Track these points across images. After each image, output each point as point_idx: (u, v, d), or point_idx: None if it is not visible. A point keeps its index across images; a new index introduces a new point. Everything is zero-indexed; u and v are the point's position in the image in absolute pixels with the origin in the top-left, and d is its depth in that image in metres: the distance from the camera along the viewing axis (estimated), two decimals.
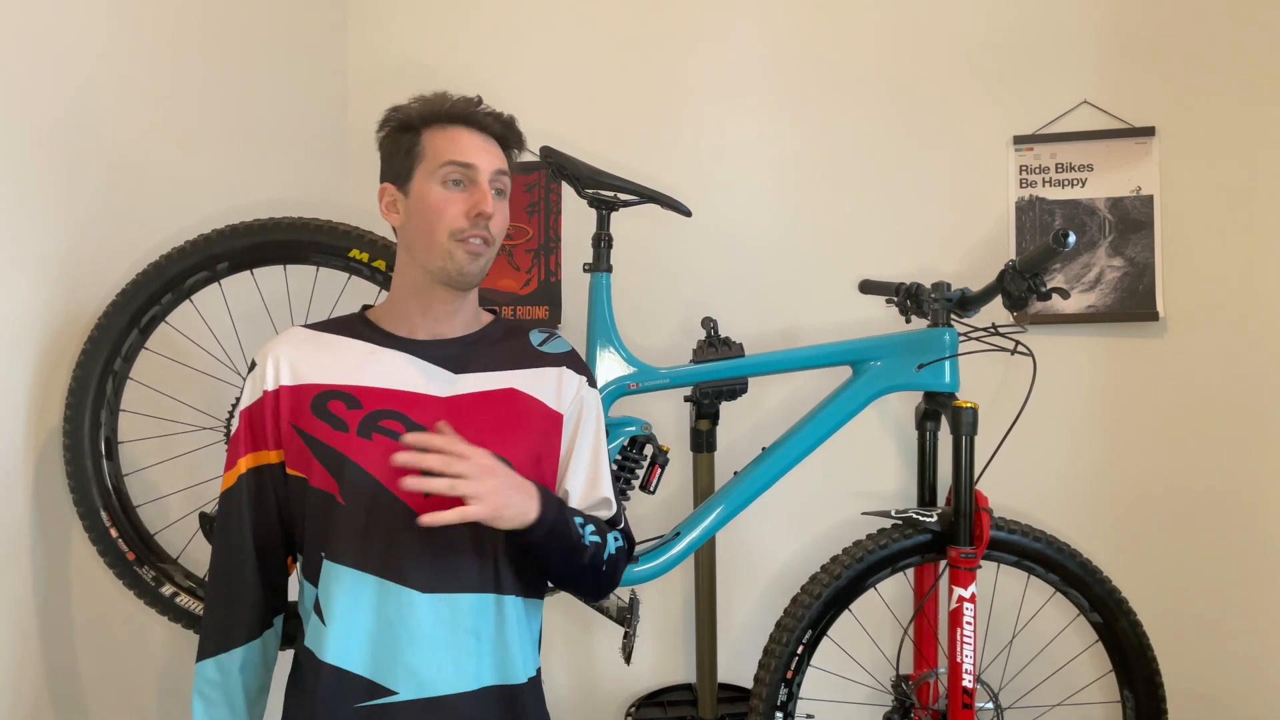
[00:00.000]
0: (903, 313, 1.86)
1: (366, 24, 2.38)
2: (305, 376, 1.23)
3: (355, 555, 1.17)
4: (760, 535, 2.22)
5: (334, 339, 1.28)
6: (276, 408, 1.23)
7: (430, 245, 1.22)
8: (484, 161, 1.23)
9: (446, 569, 1.17)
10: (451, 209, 1.21)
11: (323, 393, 1.22)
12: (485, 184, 1.22)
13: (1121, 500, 2.11)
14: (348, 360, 1.24)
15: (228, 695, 1.23)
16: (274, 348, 1.26)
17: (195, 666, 1.24)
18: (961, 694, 1.61)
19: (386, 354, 1.25)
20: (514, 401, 1.26)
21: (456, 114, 1.25)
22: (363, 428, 1.20)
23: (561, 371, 1.32)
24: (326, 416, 1.20)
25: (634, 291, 2.22)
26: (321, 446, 1.20)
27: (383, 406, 1.21)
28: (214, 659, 1.23)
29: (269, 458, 1.24)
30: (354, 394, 1.22)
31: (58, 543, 1.53)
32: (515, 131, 1.30)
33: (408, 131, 1.26)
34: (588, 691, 2.26)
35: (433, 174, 1.23)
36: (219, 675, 1.23)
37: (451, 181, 1.22)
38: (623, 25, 2.30)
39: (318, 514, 1.20)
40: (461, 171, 1.22)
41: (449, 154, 1.22)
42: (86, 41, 1.55)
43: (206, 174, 1.85)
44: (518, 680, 1.22)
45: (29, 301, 1.45)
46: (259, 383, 1.24)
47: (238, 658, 1.24)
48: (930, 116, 2.19)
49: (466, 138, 1.24)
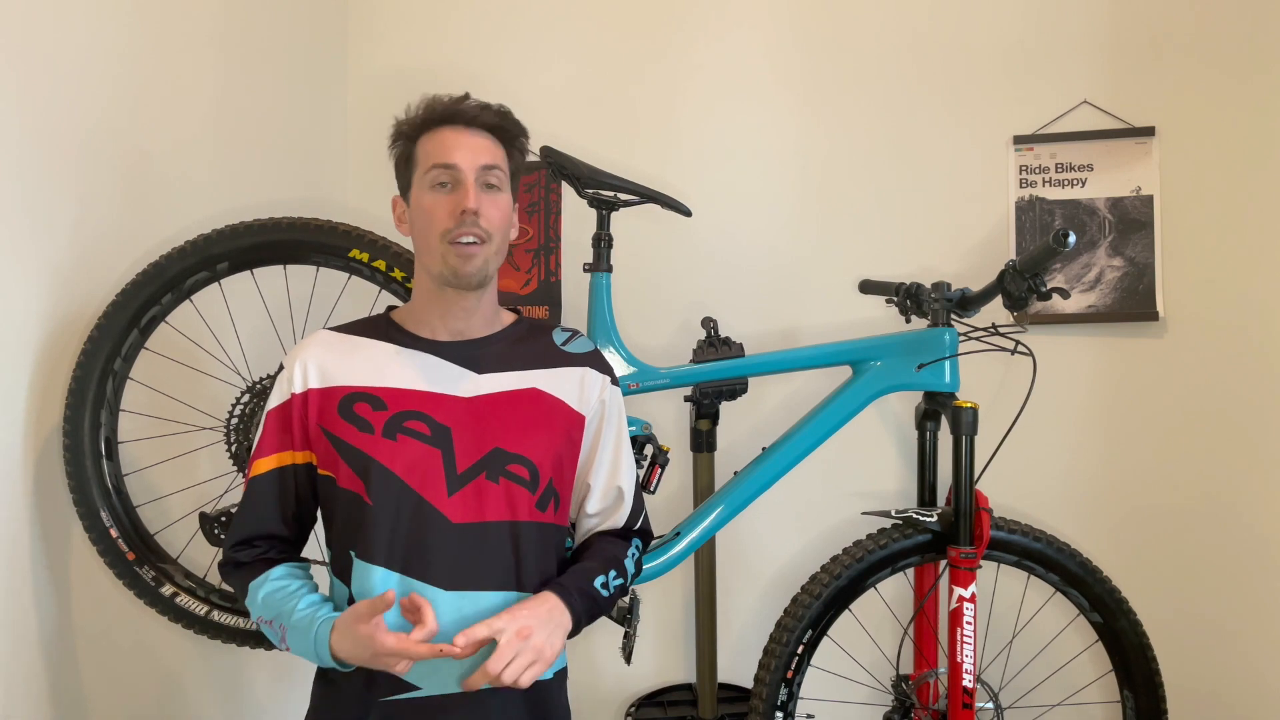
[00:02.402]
0: (903, 313, 1.86)
1: (367, 24, 2.38)
2: (333, 379, 1.26)
3: (382, 553, 1.19)
4: (760, 535, 2.22)
5: (360, 341, 1.30)
6: (305, 410, 1.25)
7: (429, 250, 1.24)
8: (466, 159, 1.23)
9: (470, 567, 1.20)
10: (439, 211, 1.23)
11: (349, 395, 1.24)
12: (469, 181, 1.22)
13: (1121, 500, 2.11)
14: (373, 362, 1.27)
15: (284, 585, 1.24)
16: (302, 351, 1.28)
17: (247, 605, 1.26)
18: (961, 694, 1.61)
19: (410, 355, 1.27)
20: (537, 401, 1.28)
21: (441, 115, 1.26)
22: (388, 429, 1.22)
23: (585, 372, 1.34)
24: (352, 418, 1.23)
25: (634, 291, 2.22)
26: (348, 448, 1.22)
27: (407, 407, 1.23)
28: (259, 579, 1.24)
29: (295, 458, 1.27)
30: (379, 395, 1.24)
31: (58, 543, 1.53)
32: (511, 120, 1.30)
33: (406, 142, 1.28)
34: (588, 691, 2.26)
35: (424, 180, 1.25)
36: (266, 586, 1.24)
37: (439, 184, 1.23)
38: (623, 25, 2.30)
39: (346, 513, 1.23)
40: (446, 173, 1.23)
41: (433, 157, 1.24)
42: (88, 43, 1.55)
43: (206, 174, 1.85)
44: (544, 676, 1.23)
45: (29, 301, 1.45)
46: (287, 385, 1.27)
47: (283, 570, 1.26)
48: (930, 116, 2.19)
49: (451, 138, 1.24)
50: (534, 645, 1.13)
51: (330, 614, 1.18)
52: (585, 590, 1.24)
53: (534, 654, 1.12)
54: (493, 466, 1.22)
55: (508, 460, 1.23)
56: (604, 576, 1.27)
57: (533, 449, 1.25)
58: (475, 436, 1.23)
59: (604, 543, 1.36)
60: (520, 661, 1.11)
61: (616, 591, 1.29)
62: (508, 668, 1.10)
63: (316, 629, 1.15)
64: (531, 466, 1.24)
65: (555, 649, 1.16)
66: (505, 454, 1.23)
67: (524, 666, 1.11)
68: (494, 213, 1.24)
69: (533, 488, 1.24)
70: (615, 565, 1.31)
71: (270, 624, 1.21)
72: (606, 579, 1.27)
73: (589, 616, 1.24)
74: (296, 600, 1.20)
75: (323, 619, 1.16)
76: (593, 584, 1.25)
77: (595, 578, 1.26)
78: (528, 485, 1.24)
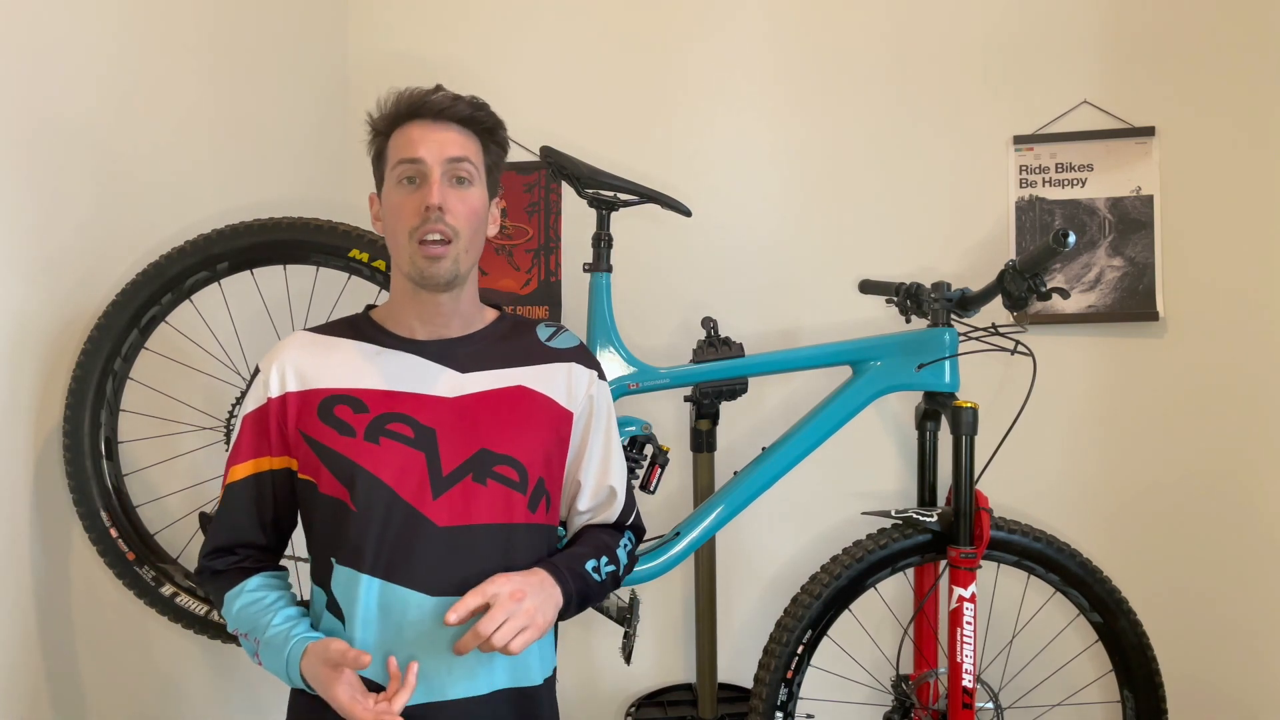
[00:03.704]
0: (903, 313, 1.86)
1: (367, 24, 2.38)
2: (311, 381, 1.22)
3: (366, 559, 1.16)
4: (760, 535, 2.22)
5: (338, 341, 1.26)
6: (283, 415, 1.21)
7: (398, 249, 1.21)
8: (431, 152, 1.18)
9: (458, 572, 1.16)
10: (406, 208, 1.18)
11: (329, 397, 1.20)
12: (435, 175, 1.17)
13: (1121, 500, 2.11)
14: (352, 363, 1.23)
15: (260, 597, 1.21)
16: (280, 353, 1.24)
17: (223, 614, 1.24)
18: (961, 694, 1.61)
19: (391, 355, 1.24)
20: (523, 399, 1.25)
21: (409, 109, 1.21)
22: (370, 432, 1.18)
23: (571, 367, 1.30)
24: (333, 422, 1.19)
25: (634, 291, 2.22)
26: (329, 453, 1.18)
27: (389, 410, 1.19)
28: (235, 588, 1.22)
29: (273, 464, 1.23)
30: (360, 397, 1.20)
31: (58, 543, 1.53)
32: (485, 112, 1.24)
33: (380, 138, 1.25)
34: (588, 691, 2.26)
35: (391, 175, 1.21)
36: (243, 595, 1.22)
37: (405, 180, 1.19)
38: (623, 24, 2.29)
39: (327, 519, 1.19)
40: (412, 168, 1.18)
41: (400, 152, 1.20)
42: (88, 42, 1.55)
43: (206, 174, 1.85)
44: (533, 682, 1.22)
45: (29, 301, 1.45)
46: (263, 389, 1.23)
47: (259, 579, 1.24)
48: (930, 116, 2.19)
49: (417, 132, 1.19)
50: (526, 609, 1.09)
51: (306, 633, 1.15)
52: (577, 571, 1.21)
53: (526, 618, 1.09)
54: (479, 468, 1.19)
55: (495, 461, 1.20)
56: (595, 561, 1.25)
57: (521, 449, 1.21)
58: (461, 438, 1.19)
59: (595, 532, 1.33)
60: (512, 624, 1.07)
61: (608, 579, 1.26)
62: (499, 630, 1.07)
63: (289, 650, 1.13)
64: (520, 467, 1.21)
65: (547, 619, 1.12)
66: (492, 455, 1.20)
67: (515, 630, 1.07)
68: (460, 207, 1.18)
69: (522, 488, 1.21)
70: (607, 552, 1.28)
71: (245, 637, 1.19)
72: (598, 564, 1.25)
73: (580, 599, 1.21)
74: (271, 615, 1.18)
75: (296, 639, 1.13)
76: (584, 566, 1.23)
77: (586, 561, 1.24)
78: (517, 486, 1.21)
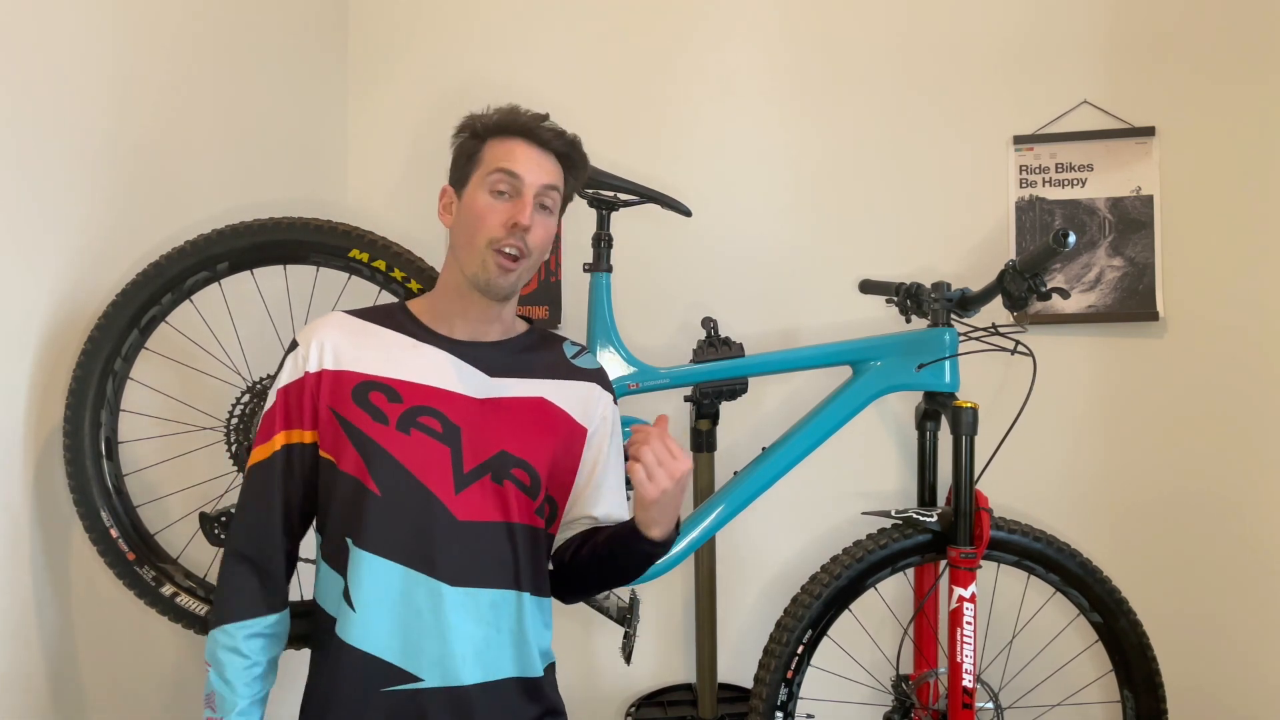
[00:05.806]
0: (903, 313, 1.86)
1: (367, 24, 2.38)
2: (348, 363, 1.26)
3: (386, 545, 1.20)
4: (760, 535, 2.22)
5: (376, 329, 1.31)
6: (317, 390, 1.26)
7: (470, 250, 1.26)
8: (532, 174, 1.26)
9: (474, 564, 1.22)
10: (493, 217, 1.25)
11: (364, 382, 1.25)
12: (529, 196, 1.26)
13: (1121, 500, 2.11)
14: (389, 352, 1.28)
15: (247, 658, 1.23)
16: (318, 330, 1.29)
17: (212, 632, 1.24)
18: (961, 694, 1.61)
19: (427, 350, 1.29)
20: (542, 410, 1.31)
21: (519, 127, 1.29)
22: (402, 422, 1.23)
23: (591, 387, 1.37)
24: (367, 406, 1.24)
25: (634, 291, 2.22)
26: (359, 435, 1.23)
27: (421, 403, 1.25)
28: (240, 623, 1.23)
29: (303, 437, 1.27)
30: (395, 387, 1.25)
31: (58, 543, 1.53)
32: (579, 152, 1.34)
33: (474, 139, 1.31)
34: (588, 691, 2.26)
35: (484, 181, 1.27)
36: (239, 641, 1.23)
37: (498, 191, 1.26)
38: (624, 27, 2.30)
39: (345, 499, 1.23)
40: (508, 181, 1.26)
41: (500, 162, 1.26)
42: (88, 42, 1.54)
43: (206, 174, 1.85)
44: (535, 673, 1.27)
45: (29, 301, 1.45)
46: (300, 363, 1.27)
47: (268, 623, 1.25)
48: (930, 116, 2.19)
49: (522, 150, 1.28)
50: (679, 492, 1.15)
51: None
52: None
53: (675, 483, 1.14)
54: (498, 469, 1.25)
55: (513, 464, 1.26)
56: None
57: (536, 455, 1.27)
58: (483, 437, 1.25)
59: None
60: (665, 472, 1.13)
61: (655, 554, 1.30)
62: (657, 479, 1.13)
63: None
64: (533, 472, 1.27)
65: (676, 511, 1.18)
66: (511, 458, 1.26)
67: (661, 488, 1.13)
68: (540, 231, 1.27)
69: (533, 494, 1.27)
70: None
71: (210, 696, 1.23)
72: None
73: (669, 544, 1.23)
74: (241, 699, 1.21)
75: None
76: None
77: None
78: (528, 491, 1.27)
